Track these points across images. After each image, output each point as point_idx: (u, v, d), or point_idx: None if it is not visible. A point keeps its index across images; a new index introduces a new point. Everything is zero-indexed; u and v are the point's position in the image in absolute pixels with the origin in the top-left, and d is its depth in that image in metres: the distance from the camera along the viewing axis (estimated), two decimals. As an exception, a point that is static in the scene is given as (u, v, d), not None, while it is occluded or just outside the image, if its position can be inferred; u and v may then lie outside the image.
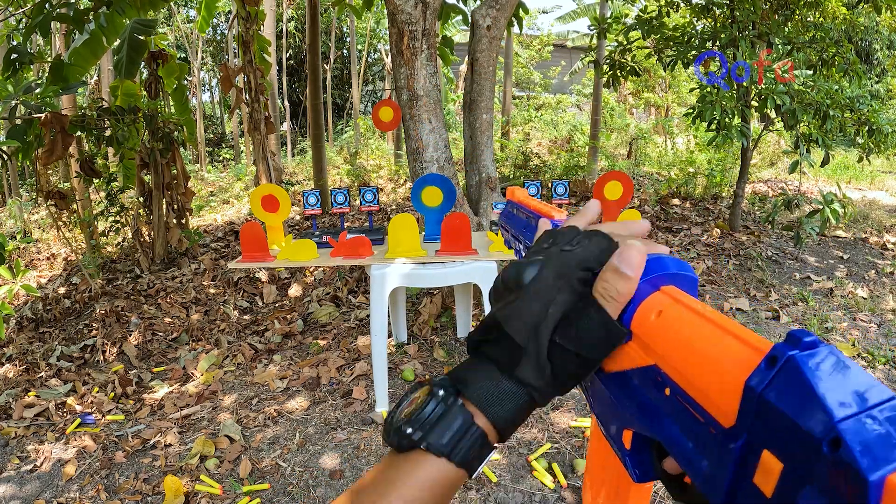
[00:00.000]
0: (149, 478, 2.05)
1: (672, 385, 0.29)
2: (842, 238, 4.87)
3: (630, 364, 0.34)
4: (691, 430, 0.28)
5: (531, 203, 0.54)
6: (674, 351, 0.29)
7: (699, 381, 0.27)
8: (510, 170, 6.56)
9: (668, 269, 0.34)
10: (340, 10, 6.41)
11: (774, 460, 0.22)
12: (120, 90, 4.24)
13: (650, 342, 0.31)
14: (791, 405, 0.22)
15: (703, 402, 0.27)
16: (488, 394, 0.36)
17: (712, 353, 0.27)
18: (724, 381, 0.25)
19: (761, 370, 0.23)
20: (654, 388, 0.31)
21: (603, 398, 0.37)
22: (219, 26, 16.33)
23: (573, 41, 16.14)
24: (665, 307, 0.32)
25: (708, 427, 0.26)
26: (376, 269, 2.19)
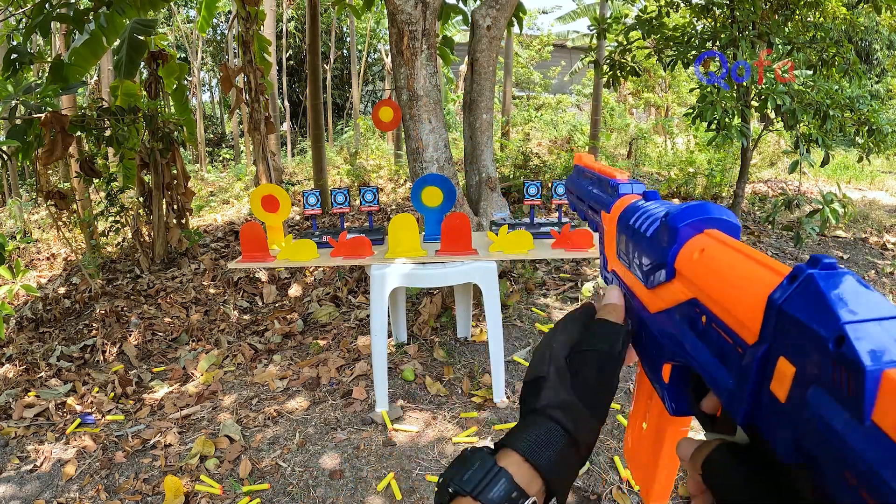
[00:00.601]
0: (149, 478, 2.05)
1: (707, 313, 0.32)
2: (842, 238, 4.87)
3: (673, 301, 0.37)
4: (722, 352, 0.30)
5: (595, 166, 0.58)
6: (711, 282, 0.32)
7: (730, 304, 0.30)
8: (510, 170, 6.56)
9: (711, 213, 0.37)
10: (340, 10, 6.41)
11: (788, 365, 0.24)
12: (120, 90, 4.24)
13: (692, 277, 0.34)
14: (805, 313, 0.24)
15: (733, 323, 0.29)
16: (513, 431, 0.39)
17: (742, 278, 0.30)
18: (751, 300, 0.28)
19: (783, 286, 0.26)
20: (693, 320, 0.34)
21: (648, 337, 0.41)
22: (219, 26, 16.32)
23: (573, 41, 16.14)
24: (707, 246, 0.35)
25: (735, 347, 0.29)
26: (376, 269, 2.19)
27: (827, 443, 0.22)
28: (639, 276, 0.43)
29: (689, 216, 0.37)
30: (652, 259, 0.39)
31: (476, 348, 2.88)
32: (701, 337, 0.33)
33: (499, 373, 2.35)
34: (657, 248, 0.39)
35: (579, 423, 0.39)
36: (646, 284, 0.41)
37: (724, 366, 0.30)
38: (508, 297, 3.37)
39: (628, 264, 0.45)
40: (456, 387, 2.54)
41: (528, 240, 2.22)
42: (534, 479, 0.38)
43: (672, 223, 0.37)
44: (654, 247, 0.39)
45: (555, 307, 3.31)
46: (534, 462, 0.37)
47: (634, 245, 0.43)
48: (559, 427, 0.38)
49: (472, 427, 2.22)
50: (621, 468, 1.93)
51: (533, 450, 0.38)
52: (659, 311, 0.39)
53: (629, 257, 0.45)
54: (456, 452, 2.08)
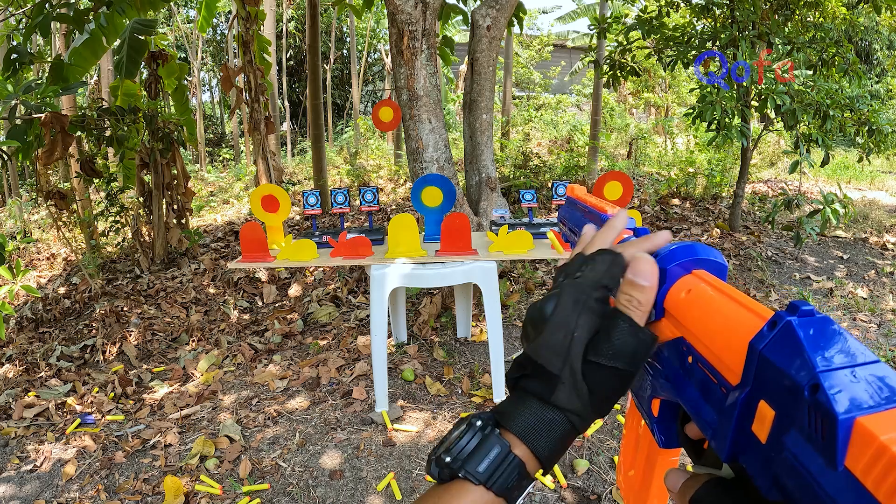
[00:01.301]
0: (149, 478, 2.05)
1: (694, 353, 0.33)
2: (842, 238, 4.87)
3: (662, 338, 0.38)
4: (707, 391, 0.31)
5: (587, 199, 0.59)
6: (697, 323, 0.33)
7: (715, 347, 0.31)
8: (510, 170, 6.56)
9: (699, 254, 0.38)
10: (340, 10, 6.42)
11: (768, 408, 0.25)
12: (120, 90, 4.24)
13: (679, 317, 0.35)
14: (784, 360, 0.25)
15: (717, 364, 0.30)
16: (528, 424, 0.38)
17: (726, 322, 0.31)
18: (734, 343, 0.29)
19: (763, 332, 0.27)
20: (680, 358, 0.35)
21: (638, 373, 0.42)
22: (219, 26, 16.33)
23: (573, 41, 16.14)
24: (693, 286, 0.36)
25: (720, 387, 0.30)
26: (376, 269, 2.19)
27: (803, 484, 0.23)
28: None
29: (677, 257, 0.38)
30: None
31: (476, 348, 2.88)
32: (687, 375, 0.34)
33: (499, 373, 2.35)
34: None
35: (586, 422, 0.39)
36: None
37: (709, 404, 0.31)
38: (508, 297, 3.37)
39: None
40: (456, 387, 2.54)
41: (528, 240, 2.22)
42: (534, 467, 0.39)
43: (661, 264, 0.38)
44: None
45: (555, 307, 3.30)
46: (540, 455, 0.38)
47: None
48: (572, 426, 0.38)
49: (472, 427, 2.22)
50: (621, 468, 1.93)
51: (543, 444, 0.38)
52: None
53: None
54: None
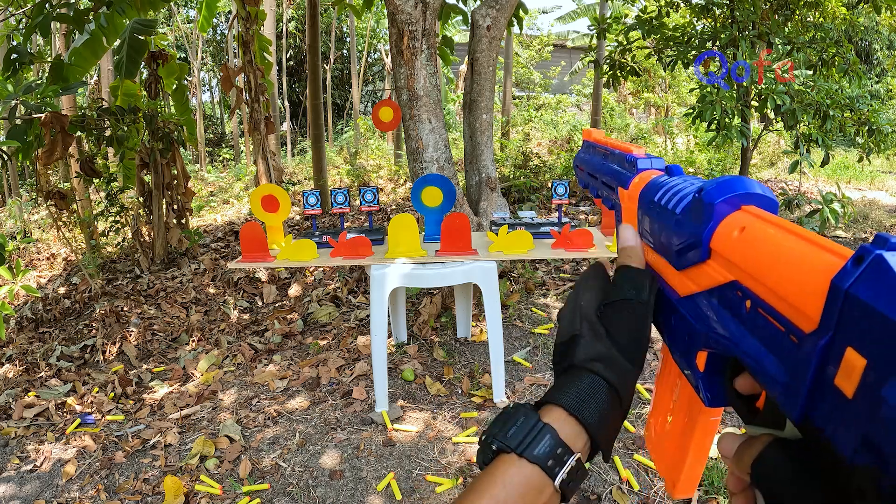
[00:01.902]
0: (149, 478, 2.06)
1: (753, 298, 0.29)
2: (842, 238, 4.87)
3: (709, 283, 0.34)
4: (772, 340, 0.28)
5: (609, 141, 0.56)
6: (757, 263, 0.29)
7: (782, 289, 0.27)
8: (510, 170, 6.56)
9: (747, 188, 0.34)
10: (340, 10, 6.42)
11: (858, 357, 0.22)
12: (120, 90, 4.24)
13: (732, 257, 0.32)
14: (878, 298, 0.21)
15: (786, 309, 0.27)
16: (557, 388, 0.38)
17: (796, 260, 0.27)
18: (808, 284, 0.25)
19: (847, 269, 0.23)
20: (734, 304, 0.31)
21: (679, 322, 0.38)
22: (219, 26, 16.33)
23: (573, 41, 16.14)
24: (748, 223, 0.32)
25: (788, 336, 0.26)
26: (376, 269, 2.19)
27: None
28: (666, 256, 0.40)
29: (725, 191, 0.34)
30: (683, 238, 0.37)
31: (476, 348, 2.88)
32: (745, 323, 0.30)
33: (499, 373, 2.35)
34: (689, 226, 0.36)
35: (620, 373, 0.38)
36: (675, 266, 0.38)
37: (776, 356, 0.27)
38: (508, 297, 3.37)
39: (653, 244, 0.43)
40: (456, 387, 2.54)
41: (528, 240, 2.22)
42: (579, 435, 0.37)
43: (707, 199, 0.34)
44: (685, 225, 0.37)
45: (555, 307, 3.31)
46: (579, 416, 0.37)
47: (661, 224, 0.40)
48: (601, 379, 0.38)
49: (473, 427, 2.22)
50: (621, 468, 1.93)
51: (578, 404, 0.37)
52: (691, 295, 0.37)
53: (654, 237, 0.42)
54: (456, 452, 2.08)
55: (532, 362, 2.70)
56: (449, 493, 1.88)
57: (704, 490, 1.82)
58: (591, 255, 2.21)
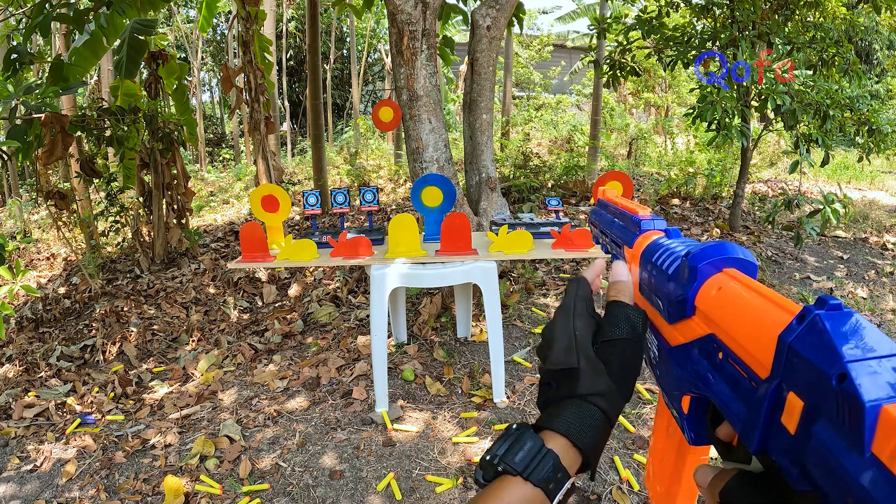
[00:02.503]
0: (149, 478, 2.05)
1: (724, 349, 0.34)
2: (842, 238, 4.87)
3: (692, 335, 0.39)
4: (737, 385, 0.32)
5: (618, 202, 0.61)
6: (727, 319, 0.34)
7: (745, 341, 0.32)
8: (510, 170, 6.56)
9: (729, 253, 0.39)
10: (340, 10, 6.42)
11: (797, 399, 0.26)
12: (120, 90, 4.24)
13: (709, 313, 0.36)
14: (812, 351, 0.25)
15: (747, 358, 0.31)
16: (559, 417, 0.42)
17: (756, 316, 0.32)
18: (764, 337, 0.30)
19: (792, 326, 0.27)
20: (710, 354, 0.36)
21: (668, 369, 0.43)
22: (219, 26, 16.32)
23: (573, 41, 16.14)
24: (723, 284, 0.37)
25: (749, 381, 0.31)
26: (376, 269, 2.19)
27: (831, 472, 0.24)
28: (660, 311, 0.44)
29: (708, 256, 0.38)
30: (673, 295, 0.41)
31: (476, 348, 2.88)
32: (717, 370, 0.35)
33: (499, 373, 2.35)
34: (678, 285, 0.40)
35: (615, 406, 0.42)
36: (667, 320, 0.43)
37: (739, 398, 0.32)
38: (508, 297, 3.37)
39: (649, 299, 0.47)
40: (456, 387, 2.54)
41: (528, 240, 2.22)
42: (576, 460, 0.41)
43: (693, 262, 0.39)
44: (675, 284, 0.41)
45: (555, 307, 3.30)
46: (579, 444, 0.41)
47: (657, 281, 0.45)
48: (600, 411, 0.42)
49: (472, 427, 2.22)
50: (621, 468, 1.93)
51: (579, 433, 0.41)
52: (679, 345, 0.41)
53: (651, 293, 0.46)
54: (456, 452, 2.08)
55: (532, 362, 2.70)
56: (449, 493, 1.88)
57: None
58: (591, 254, 2.21)
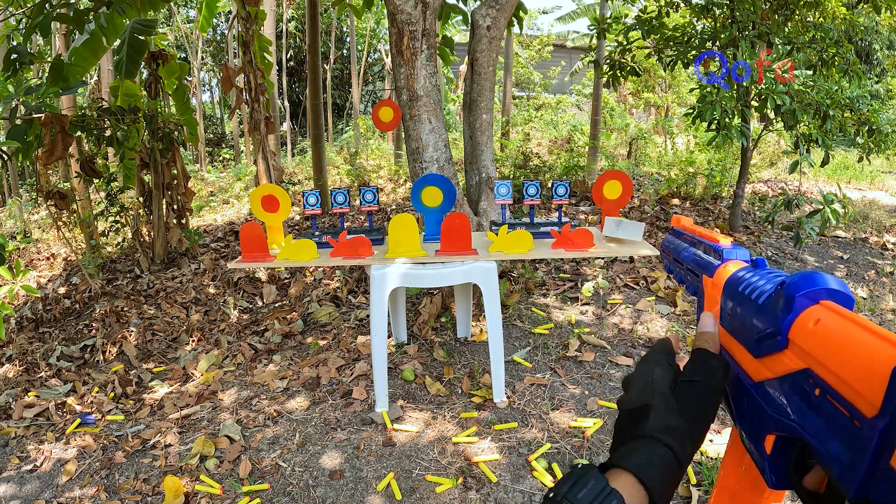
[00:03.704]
0: (149, 478, 2.06)
1: (822, 385, 0.32)
2: (842, 238, 4.87)
3: (783, 370, 0.37)
4: (836, 425, 0.30)
5: (696, 230, 0.60)
6: (828, 353, 0.32)
7: (848, 376, 0.30)
8: (510, 170, 6.56)
9: (826, 284, 0.37)
10: (340, 10, 6.42)
11: None
12: (120, 90, 4.24)
13: (806, 347, 0.34)
14: None
15: (850, 395, 0.29)
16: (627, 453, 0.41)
17: (862, 350, 0.29)
18: (872, 373, 0.27)
19: None
20: (805, 391, 0.34)
21: (751, 405, 0.41)
22: (219, 26, 16.32)
23: (573, 41, 16.14)
24: (823, 316, 0.35)
25: (852, 420, 0.29)
26: (376, 269, 2.19)
27: None
28: (744, 343, 0.43)
29: (805, 286, 0.37)
30: (763, 327, 0.39)
31: (476, 348, 2.88)
32: (813, 408, 0.33)
33: (499, 373, 2.35)
34: (770, 316, 0.39)
35: (685, 446, 0.41)
36: (753, 353, 0.41)
37: (838, 438, 0.30)
38: (508, 297, 3.37)
39: (732, 331, 0.45)
40: (456, 387, 2.54)
41: (528, 240, 2.22)
42: (641, 500, 0.39)
43: (788, 292, 0.37)
44: (766, 315, 0.39)
45: (555, 307, 3.31)
46: (645, 483, 0.39)
47: (743, 313, 0.43)
48: (669, 450, 0.40)
49: (472, 427, 2.22)
50: None
51: (646, 471, 0.39)
52: (765, 380, 0.39)
53: (735, 325, 0.45)
54: (456, 452, 2.08)
55: (532, 362, 2.70)
56: (449, 493, 1.88)
57: (704, 490, 1.82)
58: (591, 254, 2.21)
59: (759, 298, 0.41)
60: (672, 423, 0.41)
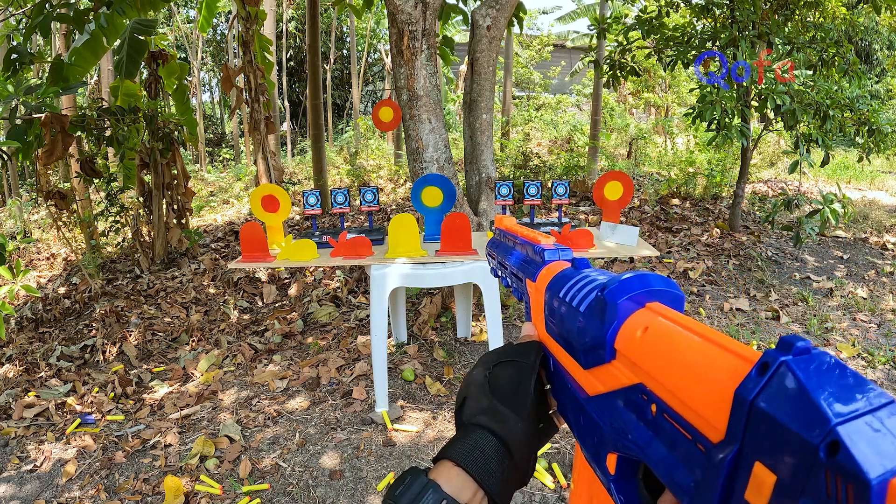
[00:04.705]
0: (149, 478, 2.05)
1: (658, 402, 0.28)
2: (842, 238, 4.87)
3: (615, 384, 0.32)
4: (678, 448, 0.26)
5: (518, 229, 0.55)
6: (660, 366, 0.28)
7: (686, 395, 0.26)
8: (510, 170, 6.56)
9: (652, 285, 0.33)
10: (340, 10, 6.42)
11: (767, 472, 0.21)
12: (120, 90, 4.24)
13: (636, 359, 0.30)
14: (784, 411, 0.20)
15: (691, 417, 0.25)
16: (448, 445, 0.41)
17: (699, 365, 0.26)
18: (713, 392, 0.24)
19: (752, 378, 0.22)
20: (640, 408, 0.30)
21: (587, 423, 0.37)
22: (219, 26, 16.32)
23: (573, 41, 16.14)
24: (651, 323, 0.31)
25: (695, 444, 0.25)
26: (376, 269, 2.19)
27: None
28: (573, 354, 0.38)
29: (628, 289, 0.33)
30: (587, 337, 0.35)
31: (476, 348, 2.88)
32: (651, 428, 0.28)
33: (499, 373, 2.34)
34: (593, 325, 0.34)
35: (503, 422, 0.40)
36: (582, 364, 0.36)
37: (683, 464, 0.26)
38: (508, 296, 3.37)
39: (559, 339, 0.41)
40: (456, 387, 2.54)
41: (528, 240, 2.21)
42: (466, 485, 0.38)
43: (610, 298, 0.33)
44: (589, 323, 0.35)
45: (555, 307, 3.31)
46: (465, 467, 0.38)
47: (567, 322, 0.38)
48: (486, 431, 0.40)
49: (472, 427, 2.22)
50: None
51: (466, 457, 0.39)
52: (598, 395, 0.35)
53: (561, 334, 0.40)
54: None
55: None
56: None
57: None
58: (591, 254, 2.21)
59: (580, 305, 0.36)
60: (484, 405, 0.41)
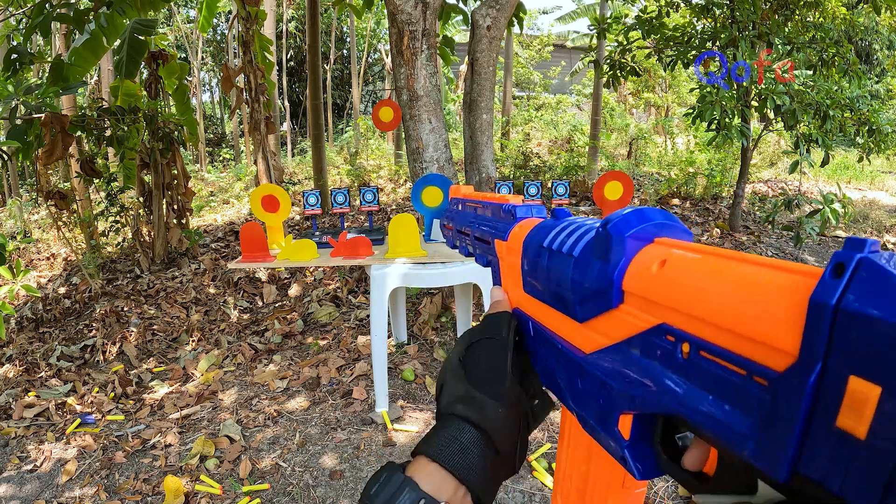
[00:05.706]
0: (149, 478, 2.05)
1: (692, 339, 0.24)
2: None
3: (626, 332, 0.29)
4: (727, 388, 0.22)
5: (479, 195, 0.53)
6: (691, 298, 0.25)
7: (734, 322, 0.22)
8: (510, 170, 6.56)
9: (655, 218, 0.30)
10: (340, 10, 6.42)
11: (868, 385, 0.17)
12: (120, 90, 4.24)
13: (655, 296, 0.27)
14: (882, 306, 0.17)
15: (742, 347, 0.22)
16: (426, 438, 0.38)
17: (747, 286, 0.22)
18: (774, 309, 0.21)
19: (827, 282, 0.19)
20: (665, 351, 0.26)
21: (588, 384, 0.33)
22: (219, 26, 16.32)
23: (573, 41, 16.15)
24: (668, 255, 0.27)
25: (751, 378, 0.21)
26: (376, 269, 2.19)
27: None
28: (563, 308, 0.35)
29: (633, 223, 0.29)
30: (585, 284, 0.32)
31: (476, 348, 2.88)
32: (683, 372, 0.25)
33: (499, 373, 2.34)
34: (592, 268, 0.31)
35: (480, 409, 0.37)
36: (578, 318, 0.33)
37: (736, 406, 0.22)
38: (508, 297, 3.37)
39: (542, 297, 0.37)
40: (456, 387, 2.54)
41: (528, 240, 2.21)
42: (445, 482, 0.35)
43: (615, 231, 0.30)
44: (588, 267, 0.32)
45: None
46: (441, 462, 0.36)
47: (555, 271, 0.35)
48: (463, 421, 0.37)
49: (472, 427, 2.22)
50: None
51: (439, 449, 0.36)
52: (601, 349, 0.31)
53: (546, 287, 0.36)
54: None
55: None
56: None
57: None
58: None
59: (573, 249, 0.33)
60: (460, 392, 0.38)
